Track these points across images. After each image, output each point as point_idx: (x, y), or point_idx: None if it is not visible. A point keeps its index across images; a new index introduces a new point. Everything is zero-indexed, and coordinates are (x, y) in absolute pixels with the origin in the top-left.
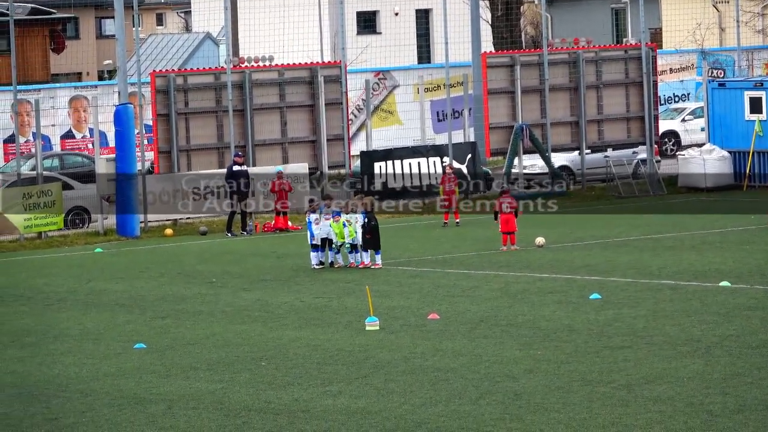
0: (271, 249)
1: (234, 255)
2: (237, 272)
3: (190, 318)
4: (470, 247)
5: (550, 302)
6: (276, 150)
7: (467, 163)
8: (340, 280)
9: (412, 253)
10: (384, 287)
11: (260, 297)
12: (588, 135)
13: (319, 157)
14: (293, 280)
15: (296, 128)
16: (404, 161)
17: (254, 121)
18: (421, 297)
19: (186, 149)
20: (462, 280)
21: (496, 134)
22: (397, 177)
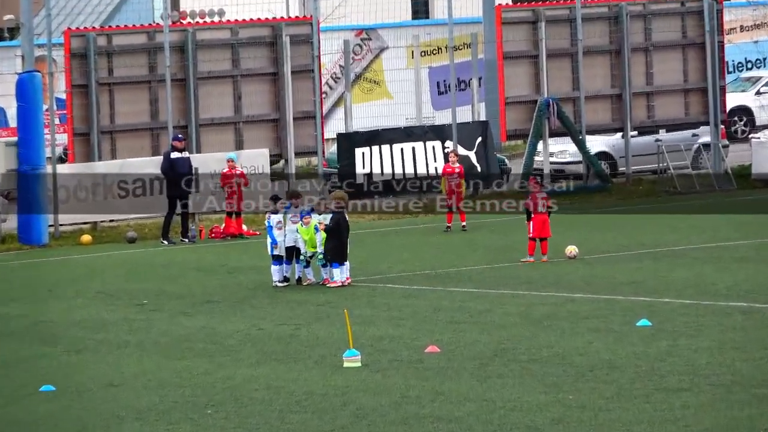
0: (220, 261)
1: (172, 269)
2: (175, 291)
3: (114, 351)
4: (481, 258)
5: (584, 330)
6: (227, 132)
7: (477, 149)
8: (310, 302)
9: (406, 266)
10: (368, 311)
11: (206, 324)
12: (634, 112)
13: (283, 140)
14: (249, 301)
15: (254, 103)
16: (394, 146)
17: (199, 94)
18: (416, 324)
19: (110, 131)
20: (470, 301)
21: (514, 111)
22: (386, 167)
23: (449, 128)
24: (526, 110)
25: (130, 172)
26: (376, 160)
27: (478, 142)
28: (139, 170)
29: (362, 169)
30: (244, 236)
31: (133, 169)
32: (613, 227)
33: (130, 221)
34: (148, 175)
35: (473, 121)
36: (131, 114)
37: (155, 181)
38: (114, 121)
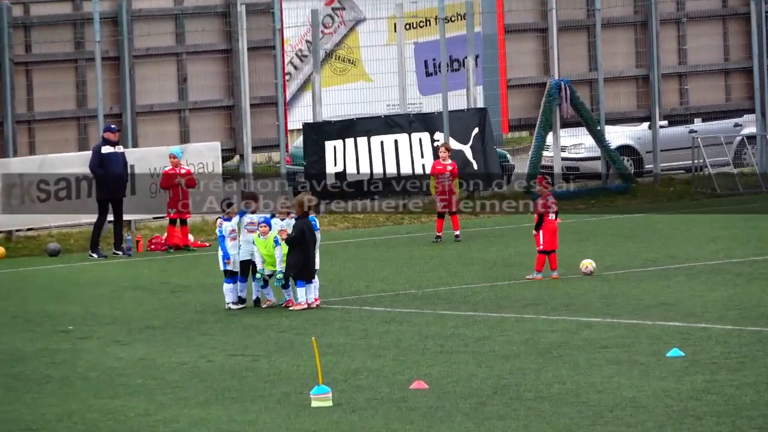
0: (161, 278)
1: (103, 288)
2: (107, 315)
3: (33, 389)
4: (478, 275)
5: (603, 362)
6: (170, 121)
7: (473, 142)
8: (271, 328)
9: (387, 285)
10: (341, 339)
11: (144, 354)
12: (663, 98)
13: (238, 132)
14: (197, 327)
15: (202, 87)
16: (373, 139)
17: (136, 76)
18: (399, 354)
19: (27, 120)
20: (465, 326)
21: (518, 96)
22: (362, 164)
23: (439, 117)
24: (532, 95)
25: (52, 170)
26: (350, 156)
27: (474, 134)
28: (62, 168)
29: (334, 167)
30: (190, 248)
31: (56, 167)
32: (638, 237)
33: (52, 230)
34: (74, 175)
35: (469, 109)
36: (53, 100)
37: (83, 181)
38: (32, 108)
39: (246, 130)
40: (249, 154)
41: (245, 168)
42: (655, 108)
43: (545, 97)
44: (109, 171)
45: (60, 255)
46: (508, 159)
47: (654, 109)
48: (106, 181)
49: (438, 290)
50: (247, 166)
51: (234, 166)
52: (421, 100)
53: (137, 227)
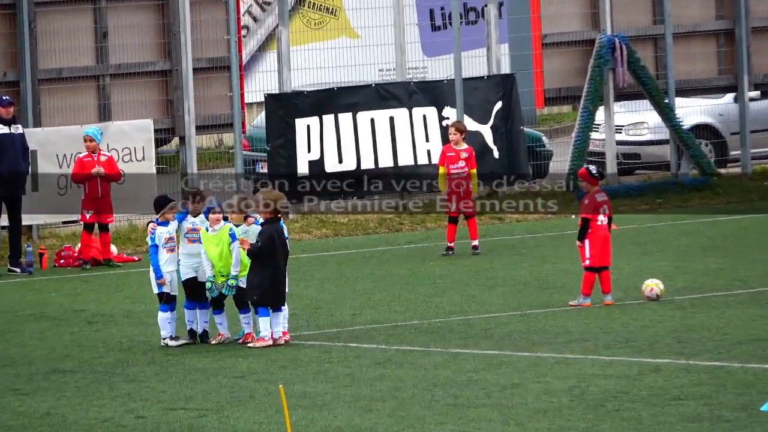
0: (74, 304)
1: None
2: (1, 353)
3: None
4: (503, 300)
5: (675, 419)
6: (85, 92)
7: (494, 120)
8: (224, 372)
9: (380, 314)
10: (318, 387)
11: (51, 408)
12: (755, 60)
13: (177, 105)
14: (122, 371)
15: (129, 46)
16: (360, 115)
17: (38, 31)
18: (397, 407)
19: None
20: (487, 370)
21: (557, 59)
22: (346, 149)
23: (450, 87)
24: (576, 57)
25: None
26: (329, 139)
27: (496, 110)
28: None
29: (307, 153)
30: (112, 263)
31: None
32: (721, 249)
33: None
34: None
35: (490, 75)
36: None
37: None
38: None
39: (188, 103)
40: (192, 136)
41: (187, 155)
42: (743, 74)
43: (594, 60)
44: (2, 159)
45: None
46: (544, 143)
47: (741, 75)
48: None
49: (450, 321)
50: (189, 152)
51: (171, 152)
52: (425, 64)
53: (40, 235)
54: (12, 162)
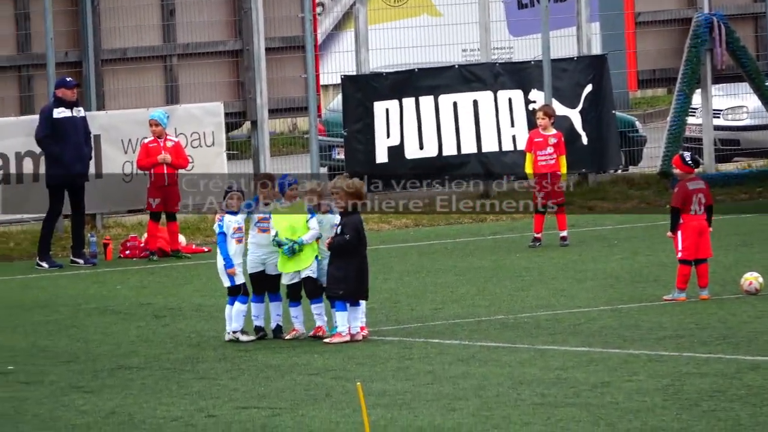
0: (140, 298)
1: (57, 311)
2: (64, 351)
3: None
4: (593, 294)
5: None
6: (151, 73)
7: (584, 104)
8: (298, 369)
9: (463, 309)
10: (398, 385)
11: (117, 406)
12: None
13: (248, 87)
14: (192, 368)
15: (198, 24)
16: (442, 99)
17: (101, 9)
18: (481, 407)
19: None
20: (576, 368)
21: (651, 39)
22: (427, 134)
23: (537, 68)
24: (672, 37)
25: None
26: (410, 123)
27: (586, 93)
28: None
29: (386, 139)
30: (181, 254)
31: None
32: None
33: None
34: (14, 149)
35: (579, 56)
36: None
37: (26, 158)
38: None
39: (260, 85)
40: (264, 120)
41: (258, 140)
42: None
43: (690, 40)
44: (65, 143)
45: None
46: (637, 128)
47: None
48: (60, 158)
49: (537, 316)
50: (261, 137)
51: (243, 137)
52: (511, 44)
53: (105, 225)
54: (74, 147)
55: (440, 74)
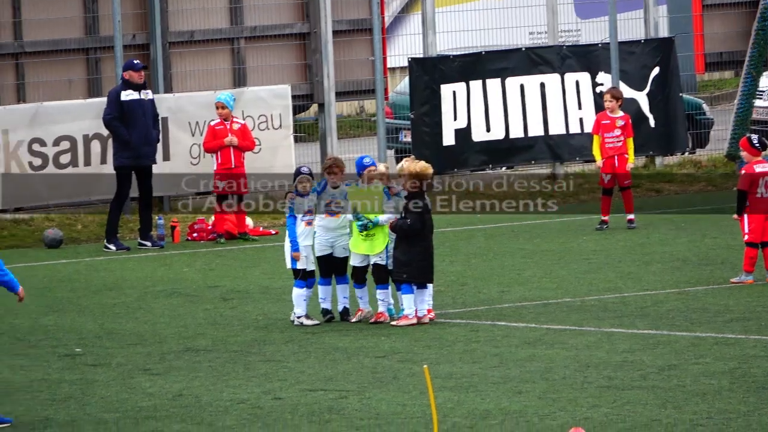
0: (208, 280)
1: (124, 294)
2: (131, 333)
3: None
4: (660, 277)
5: None
6: (219, 54)
7: (651, 86)
8: (365, 352)
9: (530, 291)
10: (464, 368)
11: (184, 388)
12: None
13: (316, 70)
14: (258, 350)
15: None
16: (509, 81)
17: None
18: (548, 389)
19: (13, 53)
20: (642, 351)
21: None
22: (494, 117)
23: (605, 51)
24: (739, 19)
25: (50, 125)
26: (477, 106)
27: (653, 76)
28: (65, 122)
29: (453, 121)
30: (248, 237)
31: (55, 120)
32: None
33: (51, 211)
34: (82, 132)
35: (647, 39)
36: (51, 25)
37: (94, 141)
38: (20, 36)
39: (327, 68)
40: (332, 103)
41: (326, 123)
42: None
43: (758, 23)
44: (132, 126)
45: (62, 246)
46: (704, 111)
47: None
48: (128, 142)
49: (604, 299)
50: (328, 119)
51: (310, 120)
52: (578, 26)
53: (172, 207)
54: (142, 130)
55: (507, 57)
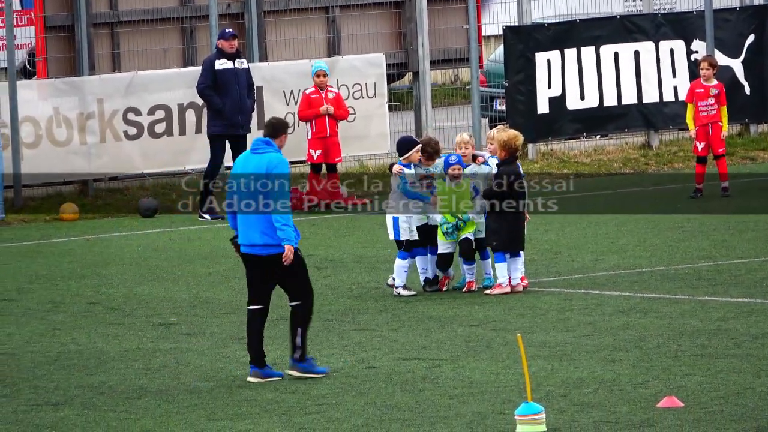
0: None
1: (219, 262)
2: (226, 302)
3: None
4: (756, 246)
5: None
6: (314, 23)
7: (746, 54)
8: (458, 320)
9: (623, 260)
10: (558, 336)
11: (279, 357)
12: None
13: (411, 38)
14: (352, 319)
15: None
16: (604, 49)
17: None
18: (642, 358)
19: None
20: (736, 319)
21: None
22: (588, 85)
23: (699, 18)
24: None
25: (145, 94)
26: (571, 74)
27: (748, 44)
28: (159, 92)
29: (548, 90)
30: (341, 205)
31: (150, 89)
32: None
33: (146, 180)
34: (176, 101)
35: (742, 6)
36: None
37: (189, 110)
38: (116, 5)
39: (422, 36)
40: (426, 71)
41: (420, 91)
42: None
43: None
44: (226, 95)
45: (157, 215)
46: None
47: None
48: (223, 110)
49: (698, 267)
50: (423, 88)
51: (405, 88)
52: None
53: None
54: (235, 98)
55: (602, 25)
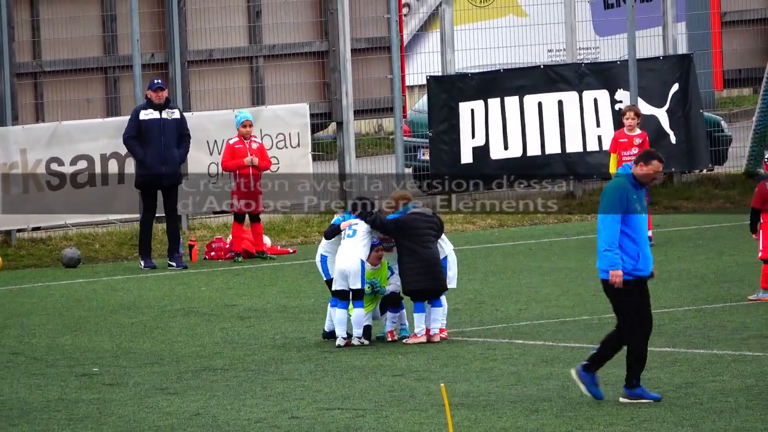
0: (225, 299)
1: (142, 312)
2: (149, 352)
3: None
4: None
5: None
6: (238, 73)
7: (671, 103)
8: (382, 370)
9: (548, 309)
10: (482, 386)
11: (201, 408)
12: None
13: (334, 89)
14: (276, 369)
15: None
16: (527, 99)
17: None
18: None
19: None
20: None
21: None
22: (512, 135)
23: (623, 68)
24: (757, 36)
25: (68, 145)
26: (495, 124)
27: (673, 93)
28: (83, 142)
29: (471, 139)
30: (266, 255)
31: (74, 139)
32: None
33: (69, 231)
34: (99, 150)
35: (666, 56)
36: (70, 44)
37: (111, 160)
38: (39, 54)
39: (346, 86)
40: (350, 121)
41: (344, 141)
42: None
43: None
44: (149, 145)
45: (80, 266)
46: (723, 128)
47: None
48: (143, 160)
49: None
50: (347, 138)
51: (328, 138)
52: (597, 44)
53: (190, 226)
54: (158, 149)
55: (526, 75)
